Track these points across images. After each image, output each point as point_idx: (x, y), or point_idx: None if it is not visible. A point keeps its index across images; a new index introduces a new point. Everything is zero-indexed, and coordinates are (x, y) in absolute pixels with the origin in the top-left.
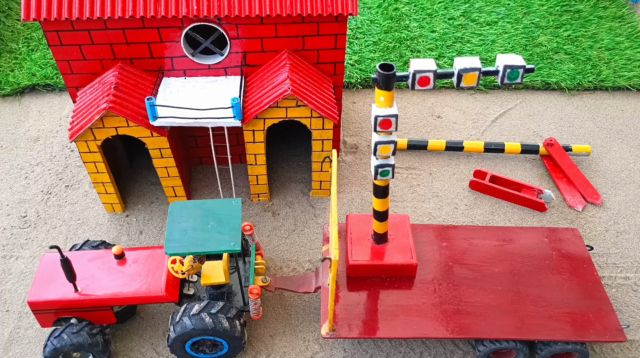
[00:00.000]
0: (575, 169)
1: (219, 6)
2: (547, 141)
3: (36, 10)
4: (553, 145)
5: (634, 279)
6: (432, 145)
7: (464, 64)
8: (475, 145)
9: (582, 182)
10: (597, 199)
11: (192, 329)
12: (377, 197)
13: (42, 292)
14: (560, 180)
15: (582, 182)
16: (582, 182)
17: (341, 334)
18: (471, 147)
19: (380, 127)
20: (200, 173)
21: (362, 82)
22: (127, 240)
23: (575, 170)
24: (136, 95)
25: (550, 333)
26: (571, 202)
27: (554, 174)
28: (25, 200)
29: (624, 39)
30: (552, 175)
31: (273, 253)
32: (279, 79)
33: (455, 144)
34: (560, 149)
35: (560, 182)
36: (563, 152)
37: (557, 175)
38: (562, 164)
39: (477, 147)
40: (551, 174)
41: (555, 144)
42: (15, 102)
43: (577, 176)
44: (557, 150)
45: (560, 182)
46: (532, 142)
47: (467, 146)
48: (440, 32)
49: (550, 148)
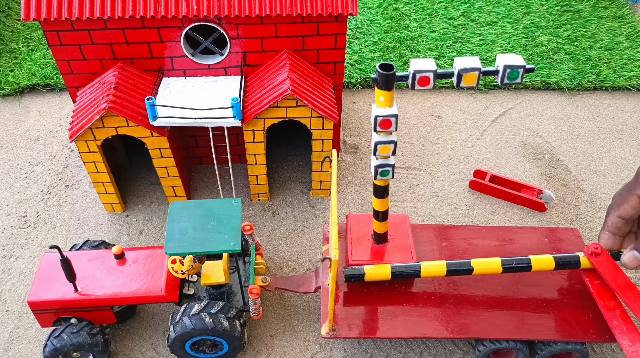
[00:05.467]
0: (636, 293)
1: (219, 6)
2: (592, 249)
3: (36, 10)
4: (600, 256)
5: (633, 279)
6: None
7: (464, 64)
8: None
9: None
10: None
11: (192, 329)
12: (377, 197)
13: (42, 292)
14: (612, 312)
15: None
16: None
17: (341, 334)
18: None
19: (380, 127)
20: (200, 173)
21: (362, 82)
22: (127, 240)
23: (636, 294)
24: (136, 95)
25: (550, 333)
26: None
27: (603, 300)
28: (25, 200)
29: (624, 39)
30: (599, 304)
31: (273, 253)
32: (279, 79)
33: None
34: (611, 261)
35: (611, 315)
36: (614, 266)
37: (606, 303)
38: (614, 284)
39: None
40: (597, 300)
41: (603, 253)
42: (15, 102)
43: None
44: (605, 262)
45: (611, 315)
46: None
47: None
48: (440, 32)
49: (595, 259)
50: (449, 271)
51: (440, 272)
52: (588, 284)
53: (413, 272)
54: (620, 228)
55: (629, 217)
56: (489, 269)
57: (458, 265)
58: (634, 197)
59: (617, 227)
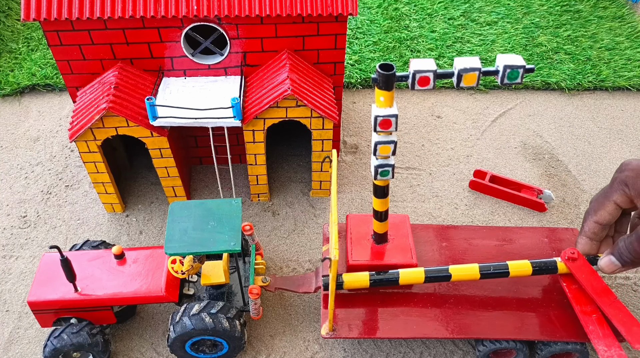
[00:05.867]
0: (612, 298)
1: (219, 6)
2: (569, 254)
3: (36, 10)
4: (576, 261)
5: (634, 279)
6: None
7: (464, 64)
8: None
9: (624, 318)
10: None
11: (192, 329)
12: (377, 197)
13: (42, 292)
14: (588, 317)
15: (624, 318)
16: (623, 318)
17: (341, 334)
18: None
19: (380, 127)
20: (200, 173)
21: (362, 82)
22: (127, 240)
23: (611, 299)
24: (136, 95)
25: (550, 333)
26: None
27: (579, 305)
28: (25, 200)
29: (624, 39)
30: (576, 309)
31: (273, 253)
32: (279, 79)
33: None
34: (587, 266)
35: (587, 319)
36: (591, 271)
37: (583, 308)
38: (590, 288)
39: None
40: (574, 305)
41: (580, 259)
42: (15, 102)
43: (615, 308)
44: (582, 267)
45: (587, 320)
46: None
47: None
48: (440, 32)
49: (572, 264)
50: (427, 278)
51: (418, 279)
52: (565, 289)
53: (391, 279)
54: (597, 234)
55: (605, 222)
56: (467, 276)
57: (436, 272)
58: (610, 203)
59: (594, 232)
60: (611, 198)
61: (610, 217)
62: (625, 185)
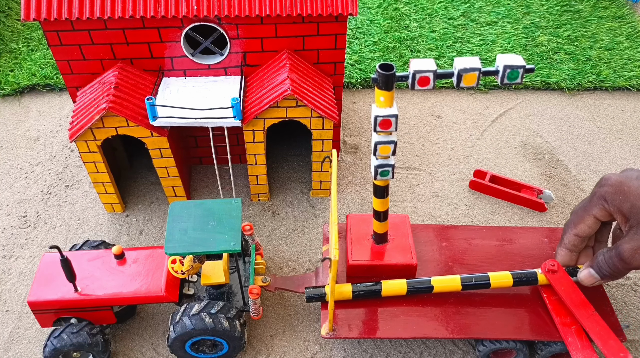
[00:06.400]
0: (590, 311)
1: (219, 6)
2: (549, 266)
3: (36, 10)
4: (556, 273)
5: (634, 279)
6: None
7: (464, 64)
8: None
9: (601, 331)
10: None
11: (192, 329)
12: (377, 197)
13: (42, 292)
14: (567, 329)
15: (601, 331)
16: (600, 331)
17: (341, 334)
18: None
19: (380, 127)
20: (200, 173)
21: (362, 82)
22: (127, 240)
23: (589, 312)
24: (136, 95)
25: (550, 333)
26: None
27: (559, 317)
28: (25, 200)
29: (624, 39)
30: (556, 320)
31: (273, 253)
32: (279, 79)
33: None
34: (567, 278)
35: (566, 331)
36: (570, 283)
37: (562, 320)
38: (569, 301)
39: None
40: (554, 316)
41: (560, 271)
42: (15, 102)
43: (592, 321)
44: (561, 279)
45: (566, 332)
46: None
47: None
48: (440, 32)
49: (551, 276)
50: (409, 290)
51: (400, 290)
52: (545, 300)
53: (374, 291)
54: (577, 246)
55: (585, 235)
56: (449, 287)
57: (418, 284)
58: (590, 216)
59: (573, 244)
60: (591, 213)
61: (589, 230)
62: (604, 200)
